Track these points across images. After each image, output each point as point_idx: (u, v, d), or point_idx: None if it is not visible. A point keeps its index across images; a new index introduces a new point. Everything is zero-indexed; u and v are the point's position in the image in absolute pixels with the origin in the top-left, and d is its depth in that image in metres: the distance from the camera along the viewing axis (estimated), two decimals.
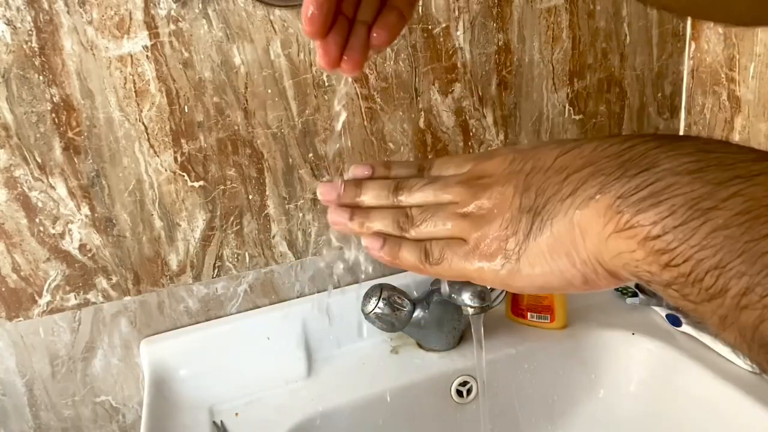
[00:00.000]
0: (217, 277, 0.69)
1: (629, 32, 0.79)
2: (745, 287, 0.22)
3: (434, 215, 0.34)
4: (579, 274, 0.29)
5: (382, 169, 0.39)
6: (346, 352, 0.73)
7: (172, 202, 0.65)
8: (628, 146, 0.28)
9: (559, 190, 0.29)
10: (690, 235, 0.23)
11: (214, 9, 0.61)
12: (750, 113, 0.77)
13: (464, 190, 0.34)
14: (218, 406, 0.66)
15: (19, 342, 0.64)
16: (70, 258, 0.63)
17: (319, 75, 0.67)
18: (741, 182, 0.23)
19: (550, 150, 0.32)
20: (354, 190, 0.38)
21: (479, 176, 0.34)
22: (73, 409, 0.68)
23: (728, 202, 0.23)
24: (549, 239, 0.29)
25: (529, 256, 0.30)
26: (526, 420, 0.72)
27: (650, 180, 0.26)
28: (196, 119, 0.64)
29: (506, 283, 0.31)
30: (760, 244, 0.22)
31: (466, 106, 0.74)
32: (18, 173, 0.59)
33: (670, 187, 0.25)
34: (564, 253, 0.29)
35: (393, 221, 0.36)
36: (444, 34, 0.71)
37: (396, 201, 0.36)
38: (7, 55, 0.56)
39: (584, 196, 0.28)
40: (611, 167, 0.28)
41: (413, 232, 0.35)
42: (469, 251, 0.32)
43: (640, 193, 0.26)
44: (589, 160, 0.29)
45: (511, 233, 0.31)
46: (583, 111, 0.81)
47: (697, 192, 0.24)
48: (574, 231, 0.28)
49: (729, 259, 0.22)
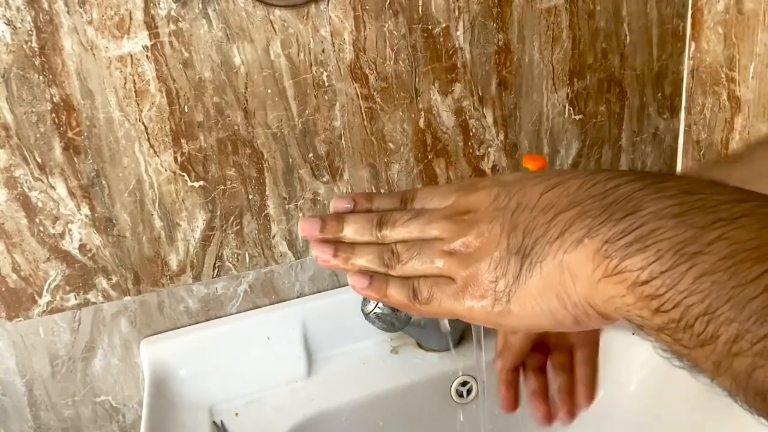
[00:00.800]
0: (217, 277, 0.69)
1: (629, 32, 0.79)
2: (735, 334, 0.22)
3: (420, 252, 0.34)
4: (570, 316, 0.29)
5: (364, 202, 0.38)
6: (346, 352, 0.73)
7: (172, 202, 0.65)
8: (612, 186, 0.28)
9: (546, 231, 0.29)
10: (677, 281, 0.23)
11: (214, 9, 0.61)
12: (750, 113, 0.77)
13: (450, 226, 0.33)
14: (218, 406, 0.66)
15: (19, 342, 0.64)
16: (70, 258, 0.63)
17: (319, 75, 0.67)
18: (724, 225, 0.23)
19: (534, 185, 0.32)
20: (336, 224, 0.37)
21: (464, 211, 0.34)
22: (73, 409, 0.68)
23: (713, 246, 0.23)
24: (539, 282, 0.29)
25: (519, 297, 0.30)
26: (526, 420, 0.72)
27: (636, 224, 0.25)
28: (196, 119, 0.64)
29: (497, 323, 0.31)
30: (746, 290, 0.22)
31: (466, 106, 0.74)
32: (18, 173, 0.59)
33: (656, 232, 0.25)
34: (554, 296, 0.29)
35: (378, 257, 0.35)
36: (444, 34, 0.71)
37: (380, 236, 0.36)
38: (7, 55, 0.56)
39: (572, 239, 0.28)
40: (597, 209, 0.28)
41: (399, 269, 0.35)
42: (458, 290, 0.32)
43: (626, 238, 0.25)
44: (574, 199, 0.29)
45: (500, 275, 0.31)
46: (583, 111, 0.81)
47: (682, 236, 0.24)
48: (564, 274, 0.28)
49: (717, 305, 0.22)
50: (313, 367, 0.71)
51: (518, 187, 0.32)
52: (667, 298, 0.24)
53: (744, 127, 0.79)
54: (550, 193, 0.30)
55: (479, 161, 0.77)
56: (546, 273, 0.29)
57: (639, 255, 0.25)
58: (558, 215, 0.29)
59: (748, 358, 0.21)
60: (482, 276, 0.31)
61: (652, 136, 0.87)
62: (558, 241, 0.28)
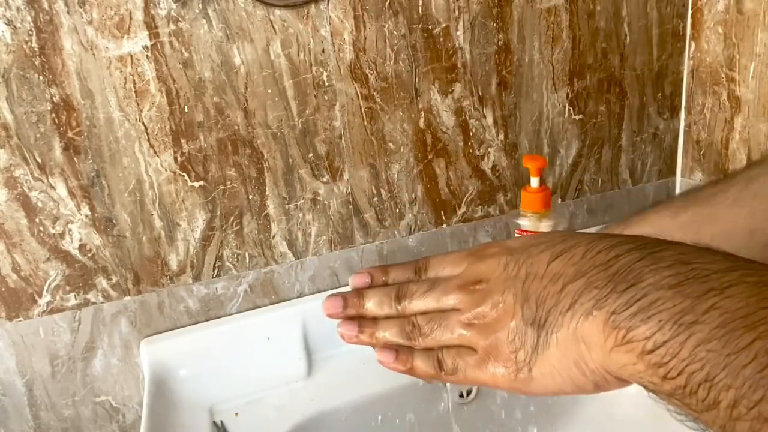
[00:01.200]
0: (217, 277, 0.69)
1: (629, 32, 0.79)
2: (733, 400, 0.23)
3: (440, 325, 0.36)
4: (590, 382, 0.31)
5: (380, 275, 0.41)
6: (346, 352, 0.73)
7: (172, 202, 0.65)
8: (614, 256, 0.30)
9: (558, 302, 0.31)
10: (678, 350, 0.25)
11: (214, 9, 0.61)
12: (750, 113, 0.77)
13: (464, 297, 0.35)
14: (218, 406, 0.66)
15: (19, 342, 0.64)
16: (70, 258, 0.63)
17: (319, 75, 0.67)
18: (716, 295, 0.25)
19: (540, 253, 0.33)
20: (357, 300, 0.39)
21: (476, 280, 0.36)
22: (73, 409, 0.68)
23: (707, 315, 0.24)
24: (556, 352, 0.31)
25: (540, 366, 0.32)
26: (526, 420, 0.72)
27: (638, 296, 0.27)
28: (196, 119, 0.64)
29: (521, 390, 0.33)
30: (739, 357, 0.23)
31: (466, 106, 0.74)
32: (18, 173, 0.59)
33: (656, 303, 0.26)
34: (573, 364, 0.30)
35: (401, 331, 0.38)
36: (444, 34, 0.71)
37: (399, 308, 0.38)
38: (7, 55, 0.56)
39: (582, 310, 0.30)
40: (601, 280, 0.29)
41: (422, 341, 0.37)
42: (481, 360, 0.34)
43: (630, 309, 0.27)
44: (579, 269, 0.31)
45: (519, 345, 0.32)
46: (583, 111, 0.81)
47: (679, 306, 0.25)
48: (580, 345, 0.30)
49: (715, 373, 0.24)
50: (313, 367, 0.71)
51: (525, 255, 0.34)
52: (671, 366, 0.25)
53: (744, 127, 0.79)
54: (557, 262, 0.32)
55: (479, 161, 0.77)
56: (562, 343, 0.31)
57: (643, 325, 0.26)
58: (566, 285, 0.31)
59: (747, 422, 0.23)
60: (502, 346, 0.33)
61: (652, 136, 0.87)
62: (570, 312, 0.30)
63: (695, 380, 0.24)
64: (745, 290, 0.25)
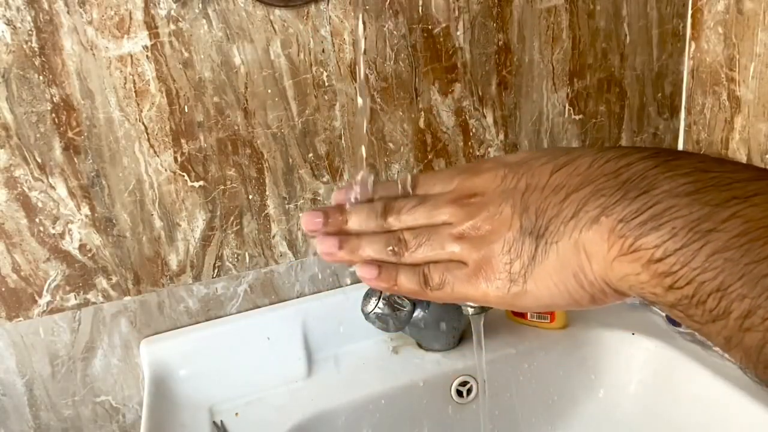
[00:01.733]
0: (217, 277, 0.69)
1: (629, 32, 0.79)
2: (747, 310, 0.22)
3: (429, 238, 0.34)
4: (587, 294, 0.29)
5: (366, 192, 0.38)
6: (346, 352, 0.73)
7: (172, 202, 0.65)
8: (625, 164, 0.28)
9: (560, 212, 0.29)
10: (691, 258, 0.24)
11: (214, 9, 0.61)
12: (750, 113, 0.77)
13: (458, 210, 0.33)
14: (218, 406, 0.66)
15: (19, 342, 0.64)
16: (70, 258, 0.63)
17: (319, 75, 0.67)
18: (738, 203, 0.24)
19: (542, 165, 0.31)
20: (339, 216, 0.36)
21: (470, 194, 0.33)
22: (73, 409, 0.68)
23: (727, 223, 0.23)
24: (555, 262, 0.29)
25: (535, 278, 0.30)
26: (526, 420, 0.72)
27: (650, 203, 0.26)
28: (196, 119, 0.64)
29: (512, 304, 0.31)
30: (759, 266, 0.22)
31: (466, 106, 0.74)
32: (18, 173, 0.59)
33: (670, 210, 0.25)
34: (571, 275, 0.29)
35: (385, 246, 0.35)
36: (444, 34, 0.71)
37: (385, 224, 0.35)
38: (7, 55, 0.56)
39: (586, 218, 0.28)
40: (611, 188, 0.28)
41: (409, 256, 0.34)
42: (471, 274, 0.32)
43: (641, 217, 0.26)
44: (586, 177, 0.29)
45: (515, 256, 0.30)
46: (583, 111, 0.81)
47: (696, 214, 0.24)
48: (580, 254, 0.28)
49: (730, 282, 0.23)
50: (313, 367, 0.71)
51: (525, 167, 0.32)
52: (680, 275, 0.24)
53: (744, 127, 0.79)
54: (560, 172, 0.30)
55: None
56: (562, 253, 0.29)
57: (654, 233, 0.25)
58: (570, 195, 0.29)
59: (759, 333, 0.22)
60: (496, 258, 0.31)
61: (652, 136, 0.87)
62: (573, 221, 0.28)
63: (705, 290, 0.23)
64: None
